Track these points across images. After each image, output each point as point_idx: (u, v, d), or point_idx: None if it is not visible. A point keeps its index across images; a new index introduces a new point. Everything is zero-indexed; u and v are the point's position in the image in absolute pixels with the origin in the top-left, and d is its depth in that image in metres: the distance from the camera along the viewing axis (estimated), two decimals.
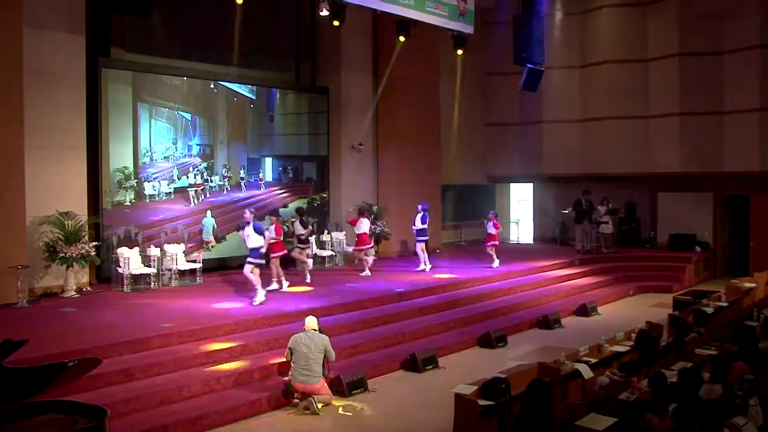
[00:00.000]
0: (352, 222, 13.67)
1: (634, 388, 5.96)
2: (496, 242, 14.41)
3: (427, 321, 10.52)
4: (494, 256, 14.30)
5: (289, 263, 12.55)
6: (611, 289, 14.50)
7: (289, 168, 15.37)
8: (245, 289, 10.55)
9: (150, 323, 8.66)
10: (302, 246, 12.33)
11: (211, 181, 13.70)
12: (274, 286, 11.14)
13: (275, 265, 11.18)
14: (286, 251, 11.50)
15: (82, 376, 5.31)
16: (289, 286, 11.34)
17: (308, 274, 12.22)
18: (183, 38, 13.38)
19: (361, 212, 13.65)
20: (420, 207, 13.82)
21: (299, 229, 12.21)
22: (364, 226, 13.39)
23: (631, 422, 5.05)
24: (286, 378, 7.54)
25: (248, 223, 10.22)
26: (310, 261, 12.66)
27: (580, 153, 18.58)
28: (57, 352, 7.04)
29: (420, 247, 13.83)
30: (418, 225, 13.73)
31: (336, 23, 12.71)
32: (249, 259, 10.17)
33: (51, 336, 7.91)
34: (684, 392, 5.19)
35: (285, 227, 11.91)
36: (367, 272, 13.22)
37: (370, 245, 13.79)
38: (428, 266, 13.74)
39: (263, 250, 10.24)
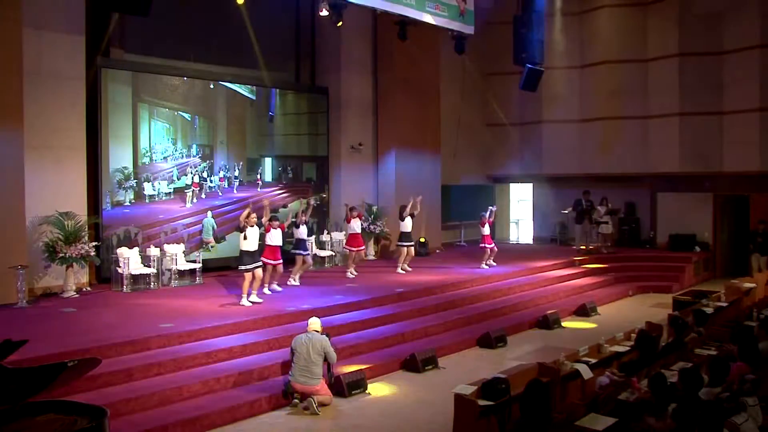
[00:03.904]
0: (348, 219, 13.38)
1: (634, 388, 5.96)
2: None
3: (427, 321, 10.52)
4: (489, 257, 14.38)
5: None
6: (611, 289, 14.50)
7: (289, 168, 15.36)
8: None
9: (150, 323, 8.66)
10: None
11: (210, 182, 13.70)
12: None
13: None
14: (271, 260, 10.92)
15: (82, 376, 5.30)
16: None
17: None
18: (183, 38, 13.38)
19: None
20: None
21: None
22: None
23: (631, 422, 5.05)
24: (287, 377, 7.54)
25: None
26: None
27: (580, 153, 18.57)
28: (57, 352, 7.04)
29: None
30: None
31: (336, 23, 12.72)
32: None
33: (51, 336, 7.91)
34: (684, 392, 5.19)
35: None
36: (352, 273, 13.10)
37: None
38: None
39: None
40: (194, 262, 12.18)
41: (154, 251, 11.68)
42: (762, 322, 8.13)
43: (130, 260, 11.31)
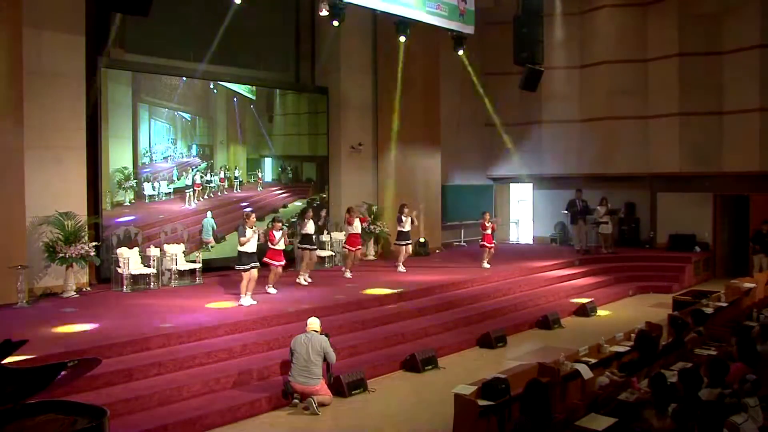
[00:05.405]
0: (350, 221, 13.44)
1: (634, 388, 5.96)
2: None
3: (427, 321, 10.52)
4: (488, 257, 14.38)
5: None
6: (611, 289, 14.50)
7: (289, 168, 15.36)
8: None
9: (150, 323, 8.66)
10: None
11: (211, 182, 13.69)
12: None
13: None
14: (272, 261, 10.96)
15: (82, 376, 5.30)
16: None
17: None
18: (183, 38, 13.38)
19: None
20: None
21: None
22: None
23: (631, 422, 5.05)
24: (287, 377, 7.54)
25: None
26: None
27: (580, 153, 18.57)
28: (57, 352, 7.05)
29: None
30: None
31: (336, 23, 12.72)
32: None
33: (51, 336, 7.91)
34: (684, 392, 5.19)
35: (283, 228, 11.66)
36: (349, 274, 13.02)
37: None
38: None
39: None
40: (194, 262, 12.18)
41: (154, 251, 11.68)
42: (763, 326, 8.12)
43: (130, 260, 11.31)
